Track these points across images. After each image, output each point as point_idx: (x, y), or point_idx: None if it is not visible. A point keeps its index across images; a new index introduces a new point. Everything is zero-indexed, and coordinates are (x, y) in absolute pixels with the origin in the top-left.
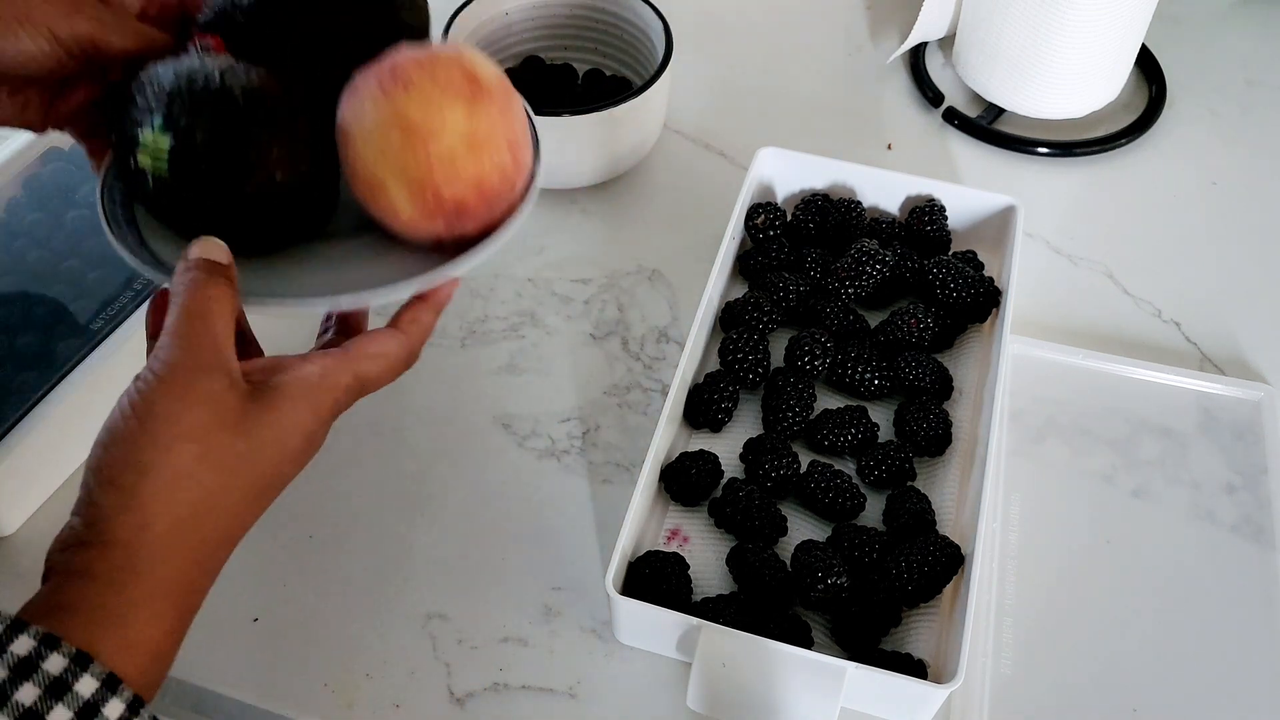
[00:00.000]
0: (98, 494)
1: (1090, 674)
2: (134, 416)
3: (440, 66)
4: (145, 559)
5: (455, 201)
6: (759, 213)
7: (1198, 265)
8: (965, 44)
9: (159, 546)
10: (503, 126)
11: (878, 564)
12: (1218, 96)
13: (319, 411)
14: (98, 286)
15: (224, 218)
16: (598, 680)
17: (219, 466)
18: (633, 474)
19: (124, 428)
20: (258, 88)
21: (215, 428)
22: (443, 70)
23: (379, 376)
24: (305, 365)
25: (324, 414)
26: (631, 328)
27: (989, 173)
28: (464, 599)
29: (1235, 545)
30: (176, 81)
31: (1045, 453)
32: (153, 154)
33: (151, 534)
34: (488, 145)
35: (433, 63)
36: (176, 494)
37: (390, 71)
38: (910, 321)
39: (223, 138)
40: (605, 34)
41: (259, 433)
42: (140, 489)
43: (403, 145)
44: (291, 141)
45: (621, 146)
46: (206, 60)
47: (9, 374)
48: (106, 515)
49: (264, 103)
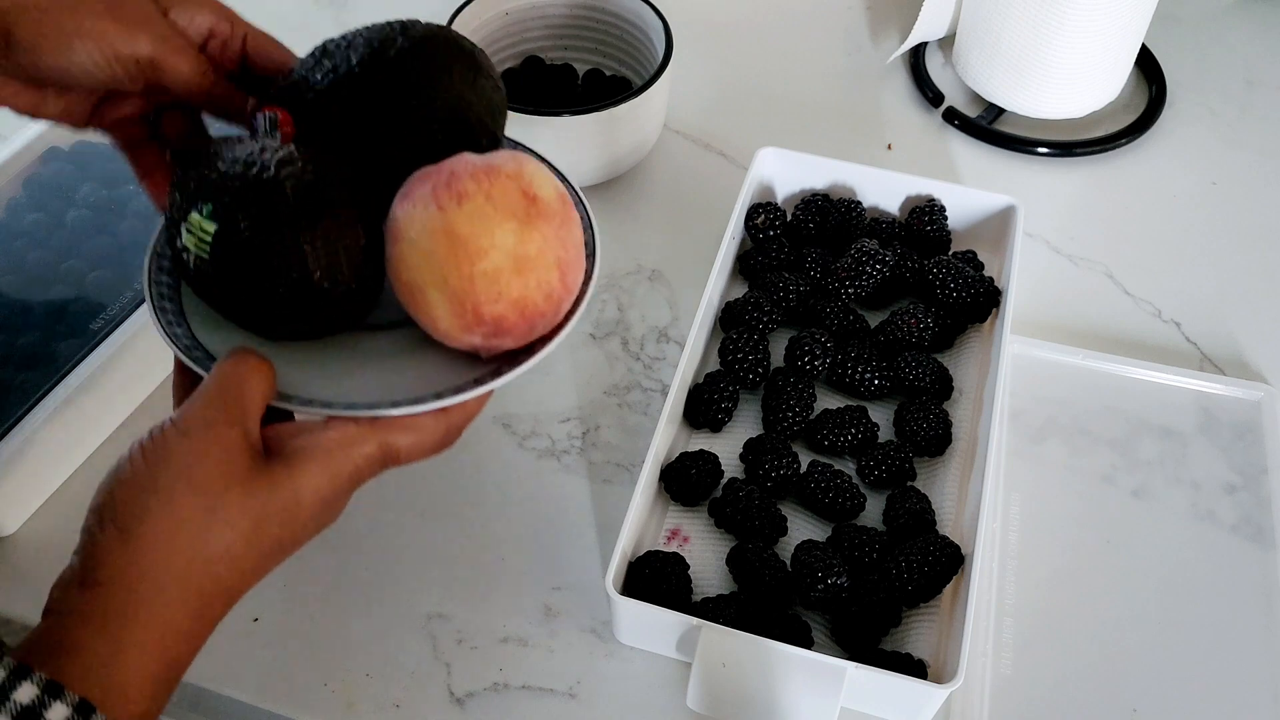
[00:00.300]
0: (98, 534)
1: (1090, 674)
2: (144, 462)
3: (498, 181)
4: (135, 605)
5: (495, 319)
6: (759, 213)
7: (1198, 265)
8: (965, 44)
9: (153, 592)
10: (555, 247)
11: (878, 564)
12: (1218, 96)
13: (336, 478)
14: (98, 286)
15: (260, 309)
16: (598, 680)
17: (226, 522)
18: (633, 474)
19: (132, 471)
20: (311, 186)
21: (226, 484)
22: (499, 186)
23: (409, 450)
24: (326, 430)
25: (342, 481)
26: (631, 328)
27: (989, 173)
28: (464, 599)
29: (1235, 545)
30: (233, 166)
31: (1045, 453)
32: (197, 236)
33: (147, 579)
34: (535, 267)
35: (491, 176)
36: (177, 542)
37: (447, 180)
38: (910, 321)
39: (265, 235)
40: (605, 34)
41: (271, 493)
42: (141, 533)
43: (447, 257)
44: (335, 248)
45: (621, 146)
46: (268, 145)
47: (9, 374)
48: (104, 555)
49: (313, 205)
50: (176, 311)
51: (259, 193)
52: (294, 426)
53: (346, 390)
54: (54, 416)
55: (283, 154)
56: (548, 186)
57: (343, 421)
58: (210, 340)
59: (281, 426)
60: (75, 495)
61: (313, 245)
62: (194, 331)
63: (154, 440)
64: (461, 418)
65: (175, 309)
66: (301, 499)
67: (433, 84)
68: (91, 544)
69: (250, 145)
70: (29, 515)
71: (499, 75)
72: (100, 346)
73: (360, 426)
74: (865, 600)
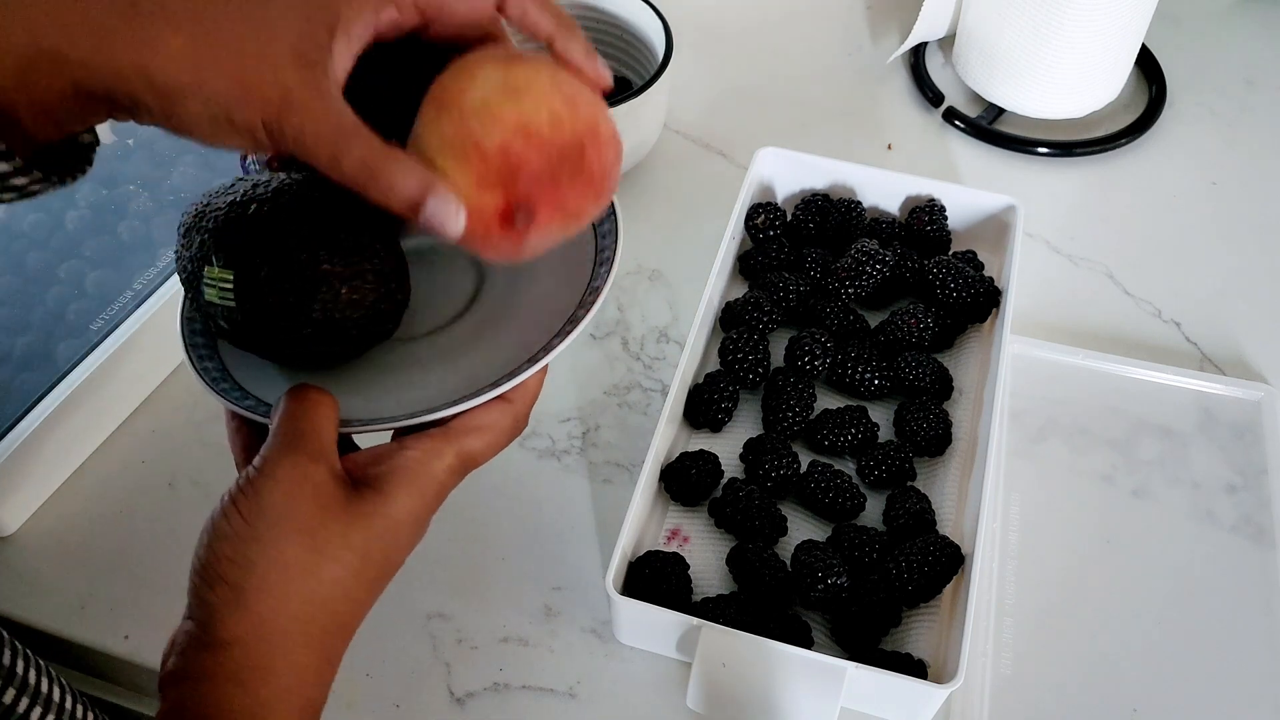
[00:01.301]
0: (206, 594)
1: (1090, 674)
2: (238, 513)
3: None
4: (266, 656)
5: (501, 152)
6: (759, 213)
7: (1198, 265)
8: (965, 44)
9: (279, 641)
10: (548, 79)
11: (878, 564)
12: (1218, 96)
13: (424, 495)
14: (98, 287)
15: (296, 341)
16: (598, 680)
17: (332, 558)
18: (633, 474)
19: (229, 524)
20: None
21: (325, 519)
22: (479, 54)
23: (485, 450)
24: (405, 451)
25: (430, 498)
26: (631, 328)
27: (989, 173)
28: (464, 599)
29: (1235, 545)
30: (231, 211)
31: (1045, 453)
32: (219, 289)
33: (269, 630)
34: (529, 90)
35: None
36: (290, 587)
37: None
38: (910, 321)
39: (284, 267)
40: (605, 34)
41: (370, 522)
42: (253, 586)
43: (437, 113)
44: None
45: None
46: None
47: (9, 374)
48: (222, 615)
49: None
50: (219, 369)
51: (265, 227)
52: (371, 453)
53: (403, 403)
54: (54, 416)
55: (275, 183)
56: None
57: (417, 438)
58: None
59: (358, 455)
60: (75, 495)
61: (332, 263)
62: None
63: (244, 492)
64: (524, 402)
65: (218, 367)
66: (398, 522)
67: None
68: (205, 606)
69: (239, 185)
70: (29, 515)
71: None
72: (100, 346)
73: (435, 439)
74: (865, 600)
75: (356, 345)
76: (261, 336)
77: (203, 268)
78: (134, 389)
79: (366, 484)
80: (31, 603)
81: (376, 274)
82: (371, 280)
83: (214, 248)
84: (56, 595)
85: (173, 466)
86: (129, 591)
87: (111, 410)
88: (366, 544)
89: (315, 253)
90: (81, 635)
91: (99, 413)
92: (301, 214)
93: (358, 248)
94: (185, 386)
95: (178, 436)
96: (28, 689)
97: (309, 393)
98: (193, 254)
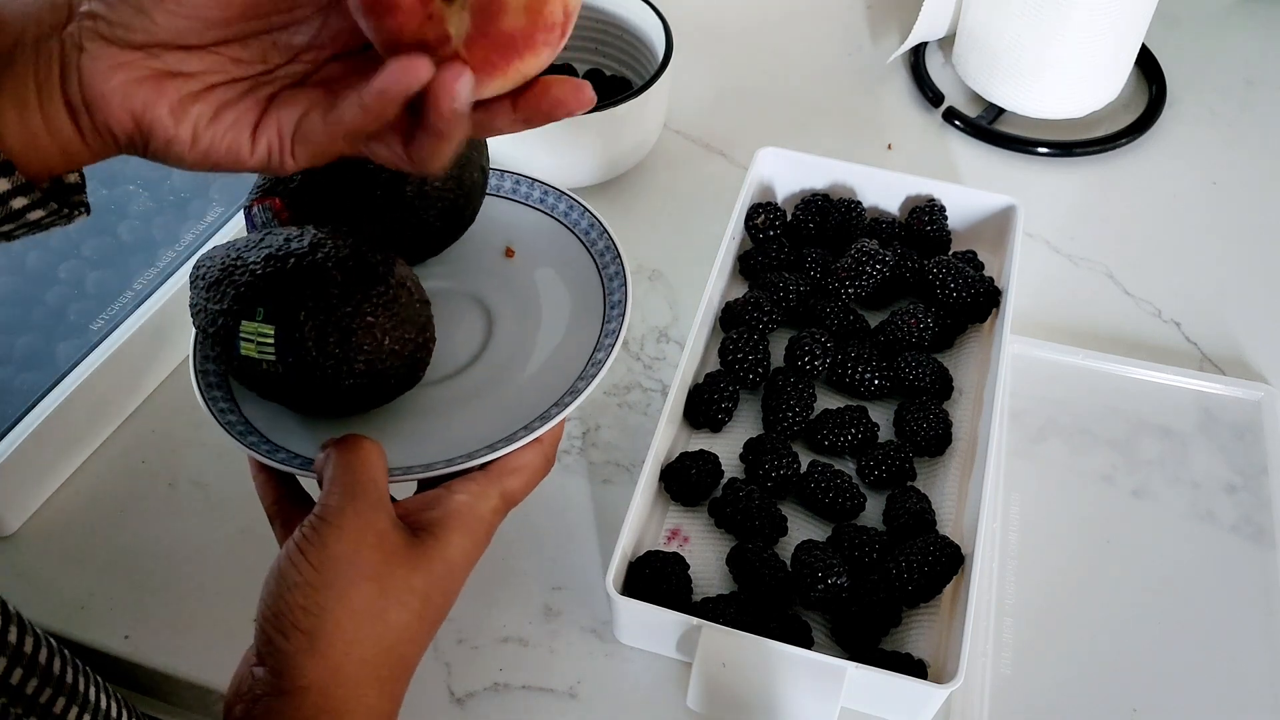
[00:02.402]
0: (281, 642)
1: (1090, 674)
2: (307, 562)
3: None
4: (341, 700)
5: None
6: (759, 213)
7: (1198, 265)
8: (965, 44)
9: (352, 686)
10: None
11: (878, 564)
12: (1218, 96)
13: (475, 535)
14: (98, 287)
15: (337, 392)
16: (598, 680)
17: (399, 603)
18: (633, 474)
19: (299, 574)
20: (350, 259)
21: (390, 567)
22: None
23: (523, 489)
24: (454, 496)
25: (480, 538)
26: (631, 328)
27: (989, 173)
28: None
29: (1235, 545)
30: (267, 265)
31: (1045, 453)
32: (257, 343)
33: (343, 675)
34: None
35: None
36: (361, 632)
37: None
38: (910, 321)
39: (329, 321)
40: (605, 34)
41: (430, 566)
42: (326, 632)
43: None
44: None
45: (621, 146)
46: (289, 235)
47: (9, 374)
48: (295, 662)
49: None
50: (243, 422)
51: (307, 281)
52: (422, 500)
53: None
54: (54, 416)
55: (309, 238)
56: None
57: (463, 483)
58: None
59: (409, 502)
60: (75, 495)
61: (375, 315)
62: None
63: (309, 541)
64: (552, 442)
65: (240, 420)
66: (454, 565)
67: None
68: (280, 654)
69: (269, 239)
70: (29, 515)
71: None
72: (100, 346)
73: (479, 483)
74: (865, 600)
75: (391, 394)
76: (300, 389)
77: (238, 322)
78: (134, 389)
79: (424, 530)
80: (31, 603)
81: (414, 323)
82: (411, 331)
83: (253, 300)
84: (56, 595)
85: (173, 466)
86: (129, 591)
87: (111, 410)
88: (428, 587)
89: (359, 305)
90: (81, 635)
91: (99, 413)
92: (341, 265)
93: (396, 299)
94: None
95: (178, 436)
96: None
97: (362, 444)
98: (225, 308)
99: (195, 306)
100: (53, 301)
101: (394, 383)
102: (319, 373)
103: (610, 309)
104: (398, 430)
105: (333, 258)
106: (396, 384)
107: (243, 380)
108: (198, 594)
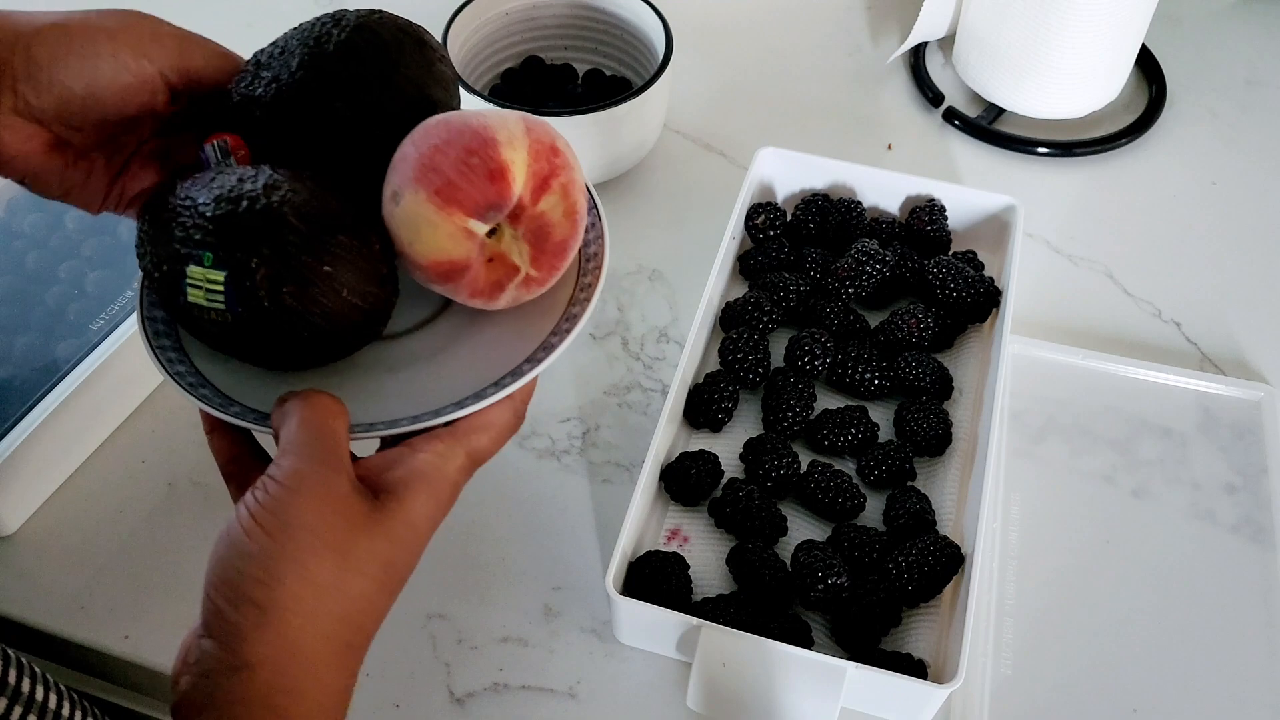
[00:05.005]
0: (231, 614)
1: (1090, 674)
2: (262, 529)
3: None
4: (296, 677)
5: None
6: (759, 213)
7: (1198, 265)
8: (965, 44)
9: (308, 663)
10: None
11: (878, 564)
12: (1218, 96)
13: (439, 497)
14: (97, 287)
15: (293, 346)
16: (598, 680)
17: (359, 572)
18: (633, 474)
19: (253, 544)
20: (308, 205)
21: (352, 534)
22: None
23: (491, 447)
24: (418, 455)
25: (445, 500)
26: (631, 328)
27: (989, 173)
28: (464, 599)
29: (1235, 545)
30: (218, 206)
31: (1045, 453)
32: (205, 289)
33: (299, 650)
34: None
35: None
36: (320, 605)
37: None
38: (910, 321)
39: (284, 270)
40: (605, 34)
41: (393, 531)
42: (281, 604)
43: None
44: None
45: (621, 146)
46: (242, 174)
47: (9, 374)
48: (248, 636)
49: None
50: (194, 373)
51: (261, 226)
52: (382, 459)
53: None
54: (54, 416)
55: (264, 179)
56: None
57: (426, 440)
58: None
59: (369, 461)
60: (75, 495)
61: (334, 266)
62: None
63: (263, 506)
64: (523, 398)
65: (191, 370)
66: (418, 528)
67: (381, 70)
68: (228, 626)
69: (221, 179)
70: (29, 515)
71: (443, 48)
72: (100, 346)
73: (444, 441)
74: (865, 600)
75: (350, 347)
76: (253, 342)
77: (184, 266)
78: (134, 389)
79: (385, 492)
80: (31, 603)
81: (376, 275)
82: (372, 282)
83: (199, 245)
84: (56, 595)
85: (173, 466)
86: (129, 591)
87: (111, 410)
88: (390, 554)
89: (316, 254)
90: (81, 635)
91: (99, 413)
92: (298, 211)
93: (356, 248)
94: None
95: (178, 436)
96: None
97: (323, 400)
98: (169, 250)
99: (140, 247)
100: (53, 301)
101: (353, 337)
102: (273, 325)
103: (586, 261)
104: (361, 385)
105: (289, 201)
106: (356, 338)
107: (190, 329)
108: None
